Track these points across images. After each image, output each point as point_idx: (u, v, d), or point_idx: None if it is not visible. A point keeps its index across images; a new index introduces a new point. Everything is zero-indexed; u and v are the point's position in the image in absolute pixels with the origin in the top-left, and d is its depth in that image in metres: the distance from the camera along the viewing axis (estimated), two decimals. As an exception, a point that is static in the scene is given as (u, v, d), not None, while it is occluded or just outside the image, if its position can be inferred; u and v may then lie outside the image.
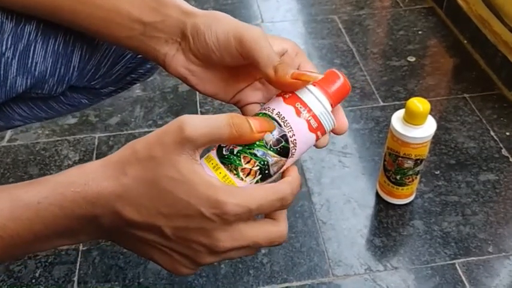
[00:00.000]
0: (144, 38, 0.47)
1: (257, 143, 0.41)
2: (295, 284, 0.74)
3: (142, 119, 1.01)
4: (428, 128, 0.74)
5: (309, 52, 1.16)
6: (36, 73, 0.52)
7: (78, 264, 0.77)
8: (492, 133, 0.96)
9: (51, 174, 0.89)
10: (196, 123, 0.38)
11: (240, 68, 0.47)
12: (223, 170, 0.41)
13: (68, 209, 0.39)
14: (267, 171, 0.41)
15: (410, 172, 0.78)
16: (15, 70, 0.51)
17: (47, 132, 0.98)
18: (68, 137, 0.97)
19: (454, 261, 0.76)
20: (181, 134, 0.37)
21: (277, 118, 0.42)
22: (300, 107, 0.42)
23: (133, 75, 0.62)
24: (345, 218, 0.82)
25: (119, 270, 0.76)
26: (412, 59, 1.14)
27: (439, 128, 0.89)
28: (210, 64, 0.47)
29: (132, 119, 1.01)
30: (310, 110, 0.42)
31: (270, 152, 0.41)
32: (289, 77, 0.42)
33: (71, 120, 1.01)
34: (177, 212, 0.38)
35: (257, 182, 0.41)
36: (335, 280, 0.74)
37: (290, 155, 0.42)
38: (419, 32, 1.22)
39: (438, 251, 0.77)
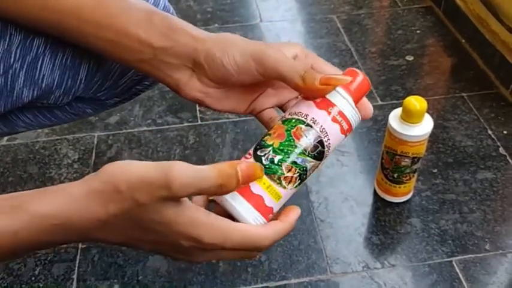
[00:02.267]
0: (154, 63, 0.47)
1: (296, 150, 0.42)
2: (293, 281, 0.74)
3: (142, 118, 1.01)
4: (426, 126, 0.75)
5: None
6: (43, 85, 0.52)
7: (77, 262, 0.77)
8: (490, 132, 0.97)
9: (50, 173, 0.90)
10: (183, 181, 0.38)
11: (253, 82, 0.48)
12: (266, 180, 0.42)
13: (45, 238, 0.40)
14: (304, 176, 0.43)
15: (408, 170, 0.79)
16: (22, 81, 0.51)
17: (47, 131, 0.98)
18: (67, 136, 0.98)
19: (451, 258, 0.76)
20: (167, 190, 0.38)
21: (313, 124, 0.43)
22: (332, 110, 0.43)
23: (138, 87, 0.63)
24: (343, 216, 0.83)
25: (118, 268, 0.76)
26: (410, 58, 1.15)
27: (436, 126, 0.90)
28: (226, 85, 0.48)
29: (131, 118, 1.01)
30: (342, 113, 0.44)
31: (308, 158, 0.43)
32: (318, 83, 0.43)
33: (71, 119, 1.01)
34: (157, 241, 0.41)
35: (296, 187, 0.43)
36: (333, 277, 0.74)
37: (324, 157, 0.44)
38: (418, 32, 1.23)
39: (435, 249, 0.78)
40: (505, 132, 0.97)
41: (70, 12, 0.47)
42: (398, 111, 0.76)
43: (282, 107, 0.51)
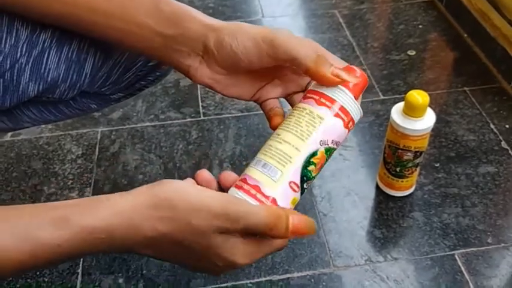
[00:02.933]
0: (165, 50, 0.48)
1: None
2: (296, 275, 0.75)
3: (144, 113, 1.02)
4: (428, 120, 0.75)
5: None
6: (49, 79, 0.53)
7: (82, 257, 0.78)
8: (492, 126, 0.97)
9: (54, 168, 0.91)
10: (240, 215, 0.40)
11: (261, 68, 0.48)
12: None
13: (88, 250, 0.40)
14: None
15: (410, 164, 0.79)
16: (28, 76, 0.51)
17: (50, 126, 0.99)
18: (70, 132, 0.98)
19: (453, 252, 0.77)
20: (224, 222, 0.40)
21: (336, 146, 0.47)
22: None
23: (142, 82, 0.63)
24: (346, 210, 0.83)
25: (122, 262, 0.76)
26: (412, 52, 1.15)
27: (439, 121, 0.90)
28: (234, 71, 0.49)
29: (134, 113, 1.02)
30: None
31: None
32: (329, 72, 0.45)
33: (74, 115, 1.01)
34: (194, 259, 0.43)
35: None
36: (336, 271, 0.75)
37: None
38: (420, 26, 1.23)
39: (438, 242, 0.78)
40: (507, 126, 0.97)
41: (81, 3, 0.47)
42: (400, 105, 0.76)
43: (286, 98, 0.52)
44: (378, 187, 0.86)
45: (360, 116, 0.48)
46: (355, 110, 0.47)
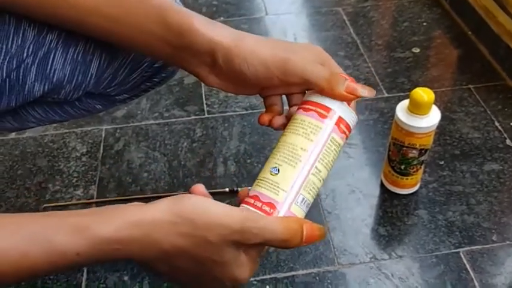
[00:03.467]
0: (174, 58, 0.49)
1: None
2: (301, 272, 0.75)
3: (149, 111, 1.02)
4: (433, 117, 0.75)
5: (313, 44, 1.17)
6: (54, 79, 0.53)
7: (87, 254, 0.78)
8: (496, 123, 0.97)
9: (59, 166, 0.91)
10: (255, 231, 0.41)
11: None
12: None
13: (105, 259, 0.41)
14: None
15: (415, 162, 0.79)
16: (33, 76, 0.52)
17: (55, 124, 0.99)
18: (75, 129, 0.98)
19: (458, 249, 0.77)
20: (241, 236, 0.41)
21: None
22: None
23: (148, 83, 0.63)
24: (350, 207, 0.83)
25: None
26: (416, 50, 1.15)
27: (443, 118, 0.90)
28: (242, 82, 0.49)
29: (139, 112, 1.02)
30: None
31: None
32: (343, 90, 0.46)
33: (78, 113, 1.02)
34: (203, 281, 0.44)
35: None
36: (340, 269, 0.75)
37: None
38: (424, 23, 1.22)
39: (443, 240, 0.78)
40: (511, 124, 0.96)
41: (88, 9, 0.47)
42: (405, 102, 0.76)
43: (287, 96, 0.53)
44: (382, 185, 0.86)
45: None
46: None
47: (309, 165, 0.45)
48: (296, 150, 0.45)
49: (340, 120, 0.46)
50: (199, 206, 0.41)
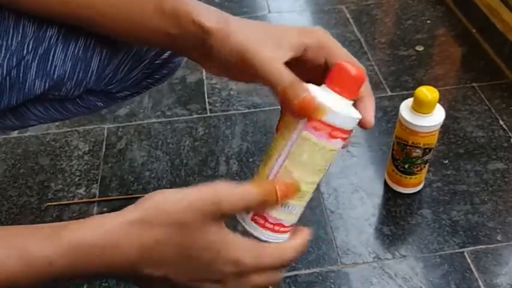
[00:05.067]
0: (174, 47, 0.49)
1: None
2: (303, 272, 0.74)
3: (151, 110, 1.01)
4: (437, 116, 0.74)
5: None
6: (55, 76, 0.52)
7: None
8: (501, 122, 0.96)
9: (61, 164, 0.91)
10: (230, 198, 0.39)
11: None
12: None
13: (80, 269, 0.38)
14: None
15: (419, 161, 0.78)
16: (34, 73, 0.51)
17: (57, 123, 0.99)
18: (77, 128, 0.98)
19: (462, 249, 0.76)
20: (217, 206, 0.39)
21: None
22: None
23: (149, 80, 0.63)
24: (353, 207, 0.83)
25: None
26: (420, 48, 1.14)
27: (447, 117, 0.89)
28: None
29: (141, 110, 1.02)
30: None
31: None
32: (297, 104, 0.40)
33: (80, 111, 1.01)
34: (198, 274, 0.41)
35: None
36: (343, 268, 0.74)
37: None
38: (428, 21, 1.22)
39: (447, 240, 0.77)
40: (516, 122, 0.96)
41: (86, 6, 0.47)
42: (409, 101, 0.75)
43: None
44: (386, 184, 0.85)
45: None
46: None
47: (278, 165, 0.42)
48: (271, 150, 0.43)
49: (318, 121, 0.41)
50: (168, 195, 0.39)
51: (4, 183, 0.88)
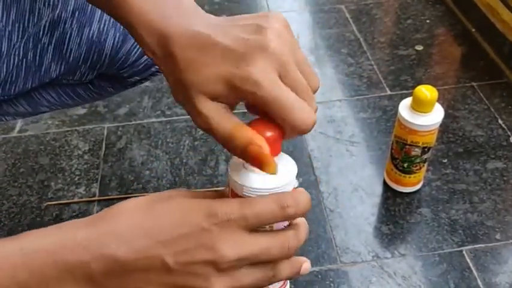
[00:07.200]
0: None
1: None
2: (303, 271, 0.74)
3: (151, 109, 1.02)
4: (436, 115, 0.74)
5: (316, 42, 1.16)
6: (71, 59, 0.53)
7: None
8: (500, 121, 0.96)
9: (61, 164, 0.91)
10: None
11: None
12: None
13: (56, 255, 0.34)
14: None
15: (418, 160, 0.78)
16: (50, 56, 0.51)
17: (57, 122, 0.99)
18: (77, 128, 0.98)
19: (461, 248, 0.76)
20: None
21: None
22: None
23: (157, 66, 0.63)
24: (353, 206, 0.83)
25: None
26: (419, 47, 1.14)
27: (447, 116, 0.89)
28: None
29: (141, 109, 1.02)
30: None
31: None
32: (242, 152, 0.36)
33: (80, 110, 1.02)
34: (175, 234, 0.34)
35: None
36: (343, 267, 0.75)
37: None
38: (427, 21, 1.22)
39: (446, 238, 0.77)
40: (515, 121, 0.96)
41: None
42: (408, 100, 0.75)
43: None
44: (385, 183, 0.85)
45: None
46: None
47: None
48: None
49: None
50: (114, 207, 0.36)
51: (4, 183, 0.88)
